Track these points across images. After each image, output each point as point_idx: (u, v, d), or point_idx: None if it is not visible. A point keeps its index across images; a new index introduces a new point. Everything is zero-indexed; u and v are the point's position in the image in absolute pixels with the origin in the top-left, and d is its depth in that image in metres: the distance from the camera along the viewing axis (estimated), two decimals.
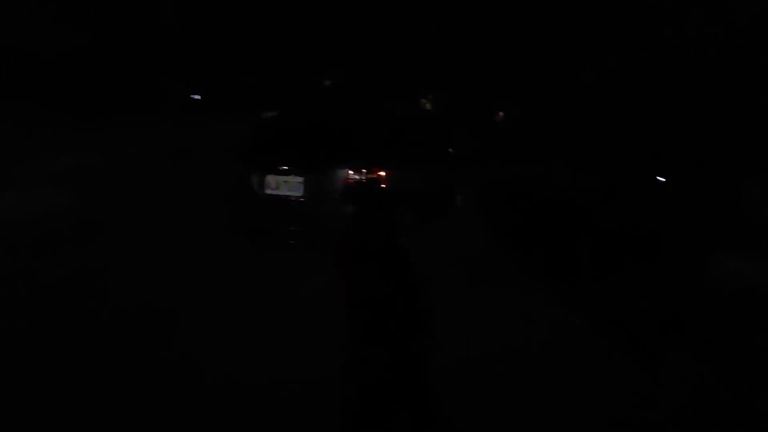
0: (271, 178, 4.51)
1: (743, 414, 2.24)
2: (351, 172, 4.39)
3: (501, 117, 11.73)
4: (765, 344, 2.32)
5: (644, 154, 3.66)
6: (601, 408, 2.32)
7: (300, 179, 4.44)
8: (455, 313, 3.42)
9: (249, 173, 4.64)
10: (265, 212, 4.59)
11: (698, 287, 2.48)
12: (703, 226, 2.57)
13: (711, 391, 2.36)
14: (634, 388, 2.45)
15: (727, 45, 7.33)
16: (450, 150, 6.29)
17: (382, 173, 4.53)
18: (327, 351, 2.79)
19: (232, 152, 5.12)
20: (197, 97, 11.17)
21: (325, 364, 2.67)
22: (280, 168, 4.51)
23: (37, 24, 10.31)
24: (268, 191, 4.53)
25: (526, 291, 3.86)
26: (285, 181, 4.49)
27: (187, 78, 11.63)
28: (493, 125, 12.65)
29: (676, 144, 3.39)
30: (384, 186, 4.55)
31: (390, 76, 12.94)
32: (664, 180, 3.14)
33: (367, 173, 4.40)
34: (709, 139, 3.09)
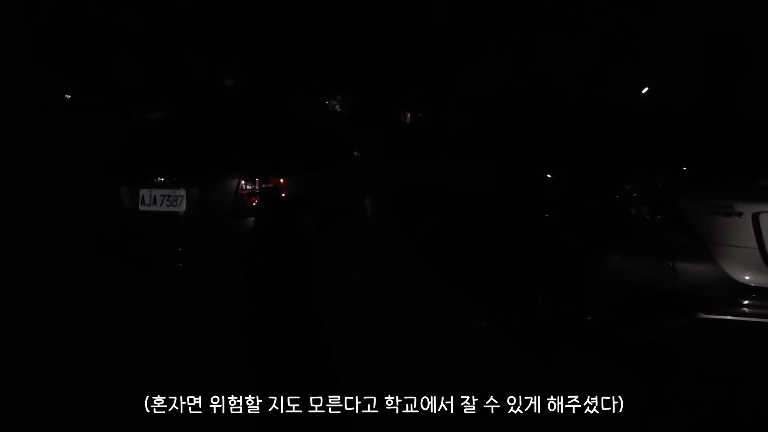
0: (145, 192, 3.84)
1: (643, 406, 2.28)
2: (243, 181, 3.87)
3: (408, 118, 11.74)
4: (653, 340, 2.33)
5: (535, 152, 3.62)
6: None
7: (182, 192, 3.83)
8: (363, 317, 3.26)
9: (118, 186, 3.93)
10: (142, 232, 3.91)
11: (590, 287, 2.45)
12: (592, 225, 2.57)
13: (607, 385, 2.35)
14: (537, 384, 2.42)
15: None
16: (356, 153, 5.98)
17: (280, 180, 4.08)
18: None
19: (98, 161, 4.33)
20: (68, 96, 9.68)
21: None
22: (157, 180, 3.86)
23: None
24: (143, 207, 3.85)
25: (435, 295, 3.71)
26: (163, 195, 3.85)
27: (60, 73, 10.00)
28: (402, 126, 12.66)
29: (565, 143, 3.37)
30: (282, 195, 4.10)
31: (294, 75, 12.36)
32: (551, 177, 3.09)
33: (261, 182, 3.92)
34: (596, 141, 3.10)
